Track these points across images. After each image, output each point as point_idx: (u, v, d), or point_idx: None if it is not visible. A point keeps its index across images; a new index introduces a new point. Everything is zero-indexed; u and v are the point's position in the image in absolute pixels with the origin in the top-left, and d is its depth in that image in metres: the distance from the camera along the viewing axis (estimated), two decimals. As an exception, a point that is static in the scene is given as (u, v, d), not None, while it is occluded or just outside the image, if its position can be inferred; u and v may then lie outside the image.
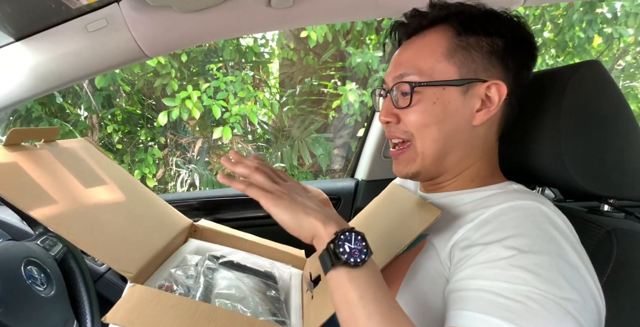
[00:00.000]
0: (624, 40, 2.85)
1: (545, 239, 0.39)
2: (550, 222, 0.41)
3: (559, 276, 0.36)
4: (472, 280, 0.39)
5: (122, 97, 2.89)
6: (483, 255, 0.40)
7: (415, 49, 0.52)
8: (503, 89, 0.49)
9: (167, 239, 0.61)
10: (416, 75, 0.50)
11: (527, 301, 0.35)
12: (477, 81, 0.49)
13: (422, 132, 0.50)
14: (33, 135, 0.57)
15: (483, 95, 0.49)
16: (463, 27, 0.49)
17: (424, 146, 0.51)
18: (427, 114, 0.49)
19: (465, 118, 0.50)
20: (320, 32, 2.52)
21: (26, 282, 0.54)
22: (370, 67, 2.67)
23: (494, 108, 0.49)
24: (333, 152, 3.12)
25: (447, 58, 0.49)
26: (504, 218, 0.43)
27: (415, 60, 0.51)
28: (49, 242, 0.67)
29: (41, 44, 0.69)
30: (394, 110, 0.52)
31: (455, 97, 0.49)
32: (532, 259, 0.37)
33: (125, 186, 0.65)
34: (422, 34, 0.52)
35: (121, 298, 0.42)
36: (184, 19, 0.71)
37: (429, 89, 0.49)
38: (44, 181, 0.51)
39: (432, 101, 0.49)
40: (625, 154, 0.51)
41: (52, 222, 0.46)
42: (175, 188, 2.89)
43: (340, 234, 0.40)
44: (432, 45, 0.50)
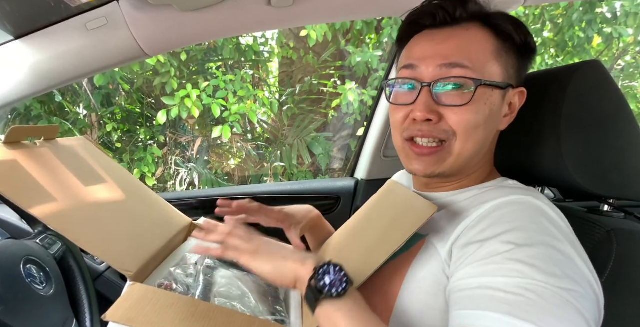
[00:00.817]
0: (624, 40, 2.85)
1: (539, 232, 0.40)
2: (543, 215, 0.42)
3: (555, 266, 0.37)
4: (472, 278, 0.39)
5: (122, 95, 2.88)
6: (481, 252, 0.40)
7: (463, 40, 0.47)
8: (524, 97, 0.51)
9: (167, 238, 0.61)
10: (470, 70, 0.46)
11: (526, 293, 0.35)
12: (511, 87, 0.49)
13: (469, 134, 0.47)
14: (33, 133, 0.57)
15: (509, 102, 0.50)
16: (508, 30, 0.48)
17: (463, 148, 0.48)
18: (480, 114, 0.47)
19: (497, 122, 0.50)
20: (320, 31, 2.52)
21: (25, 280, 0.54)
22: (370, 67, 2.67)
23: (514, 115, 0.51)
24: (332, 152, 3.12)
25: (496, 58, 0.47)
26: (499, 213, 0.43)
27: (467, 52, 0.46)
28: (48, 240, 0.66)
29: (41, 42, 0.69)
30: (436, 107, 0.47)
31: (497, 100, 0.48)
32: (527, 252, 0.38)
33: (125, 185, 0.65)
34: (461, 26, 0.48)
35: (121, 296, 0.42)
36: (184, 18, 0.71)
37: (483, 89, 0.46)
38: (44, 179, 0.51)
39: (484, 102, 0.47)
40: (625, 154, 0.51)
41: (52, 221, 0.46)
42: (175, 187, 2.89)
43: (318, 269, 0.42)
44: (480, 41, 0.47)
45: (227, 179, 3.18)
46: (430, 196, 0.56)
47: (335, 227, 0.93)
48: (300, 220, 0.69)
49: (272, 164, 2.99)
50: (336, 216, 1.21)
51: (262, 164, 3.19)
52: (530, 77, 0.54)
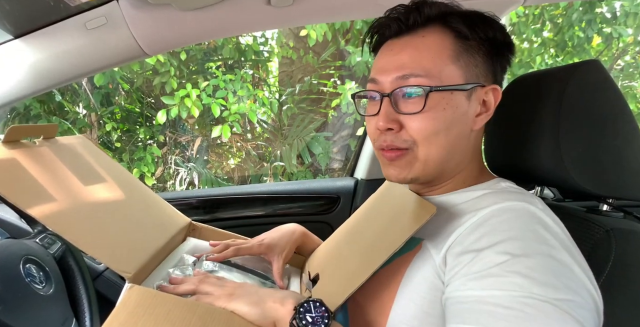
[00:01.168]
0: (623, 40, 2.86)
1: (535, 241, 0.39)
2: (539, 223, 0.41)
3: (553, 277, 0.37)
4: (470, 290, 0.39)
5: (121, 95, 2.88)
6: (477, 263, 0.40)
7: (417, 49, 0.48)
8: (498, 94, 0.50)
9: (166, 238, 0.61)
10: (425, 77, 0.47)
11: (525, 308, 0.35)
12: (479, 86, 0.49)
13: (430, 140, 0.48)
14: (32, 132, 0.57)
15: (481, 100, 0.50)
16: (464, 30, 0.48)
17: (428, 153, 0.49)
18: (438, 120, 0.47)
19: (467, 123, 0.49)
20: (319, 31, 2.52)
21: (25, 280, 0.54)
22: (369, 66, 2.67)
23: (490, 112, 0.50)
24: (332, 151, 3.12)
25: (453, 61, 0.47)
26: (494, 221, 0.43)
27: (421, 61, 0.47)
28: (48, 240, 0.66)
29: (40, 42, 0.69)
30: (395, 116, 0.49)
31: (461, 102, 0.48)
32: (524, 263, 0.37)
33: (124, 184, 0.65)
34: (417, 33, 0.49)
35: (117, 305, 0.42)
36: (184, 17, 0.71)
37: (439, 94, 0.47)
38: (43, 179, 0.50)
39: (442, 107, 0.47)
40: (624, 153, 0.51)
41: (51, 221, 0.46)
42: (174, 187, 2.89)
43: (299, 307, 0.42)
44: (436, 47, 0.48)
45: (226, 178, 3.18)
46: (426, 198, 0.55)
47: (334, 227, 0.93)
48: (283, 247, 0.67)
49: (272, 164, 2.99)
50: (336, 216, 1.21)
51: (262, 163, 3.19)
52: (529, 77, 0.54)
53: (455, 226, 0.46)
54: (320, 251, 0.69)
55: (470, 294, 0.39)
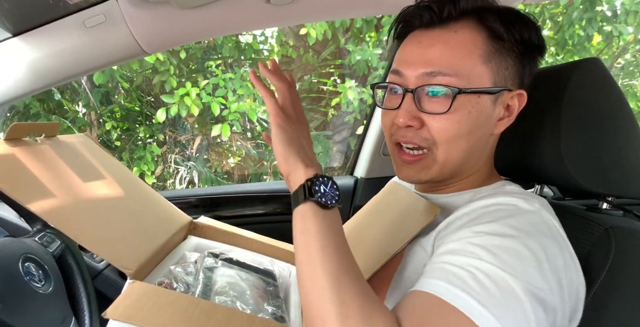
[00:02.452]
0: (624, 38, 2.85)
1: (514, 228, 0.39)
2: (527, 217, 0.41)
3: (515, 259, 0.36)
4: (437, 256, 0.40)
5: (121, 94, 2.88)
6: (452, 237, 0.41)
7: (448, 45, 0.45)
8: (524, 99, 0.48)
9: (167, 236, 0.61)
10: (453, 77, 0.44)
11: (477, 272, 0.36)
12: (506, 90, 0.47)
13: (450, 143, 0.46)
14: (34, 130, 0.57)
15: (506, 105, 0.48)
16: (499, 29, 0.45)
17: (447, 156, 0.47)
18: (463, 124, 0.45)
19: (489, 128, 0.48)
20: (319, 30, 2.51)
21: (24, 278, 0.54)
22: (369, 65, 2.67)
23: (512, 117, 0.48)
24: (332, 150, 3.12)
25: (484, 62, 0.45)
26: (483, 210, 0.43)
27: (452, 59, 0.45)
28: (47, 238, 0.66)
29: (39, 40, 0.69)
30: (418, 113, 0.46)
31: (487, 106, 0.46)
32: (493, 241, 0.38)
33: (125, 182, 0.65)
34: (449, 27, 0.46)
35: (121, 294, 0.42)
36: (183, 15, 0.70)
37: (466, 96, 0.45)
38: (44, 176, 0.51)
39: (468, 110, 0.45)
40: (624, 152, 0.51)
41: (52, 217, 0.46)
42: (174, 185, 2.89)
43: (319, 176, 0.41)
44: (468, 45, 0.45)
45: (226, 177, 3.18)
46: (428, 196, 0.56)
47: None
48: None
49: (272, 163, 2.99)
50: (335, 214, 1.21)
51: (262, 162, 3.19)
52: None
53: (445, 218, 0.46)
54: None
55: (437, 259, 0.40)
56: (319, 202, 0.40)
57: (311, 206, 0.41)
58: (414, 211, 0.52)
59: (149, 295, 0.43)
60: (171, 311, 0.42)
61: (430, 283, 0.38)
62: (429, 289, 0.37)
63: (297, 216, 0.41)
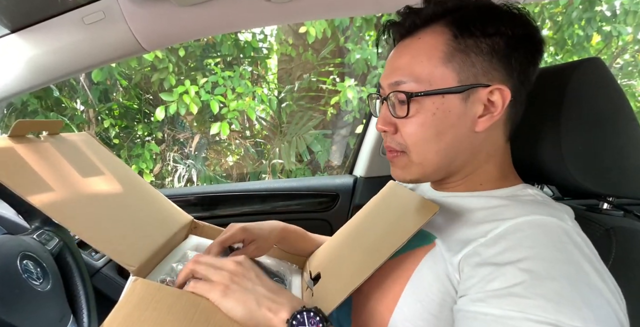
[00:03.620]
0: (623, 38, 2.86)
1: (563, 261, 0.37)
2: (569, 241, 0.39)
3: (581, 302, 0.34)
4: (486, 308, 0.37)
5: (119, 91, 2.87)
6: (497, 278, 0.38)
7: (411, 53, 0.48)
8: (507, 94, 0.46)
9: (168, 235, 0.61)
10: (413, 82, 0.46)
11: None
12: (479, 86, 0.45)
13: (419, 145, 0.48)
14: (37, 127, 0.57)
15: (485, 101, 0.46)
16: (460, 28, 0.45)
17: (422, 157, 0.48)
18: (427, 126, 0.46)
19: (467, 126, 0.47)
20: (319, 28, 2.51)
21: (22, 276, 0.54)
22: (369, 64, 2.67)
23: (497, 113, 0.46)
24: (331, 149, 3.12)
25: (444, 63, 0.45)
26: (519, 235, 0.40)
27: (412, 66, 0.47)
28: (45, 236, 0.66)
29: (37, 36, 0.68)
30: (392, 119, 0.49)
31: (455, 105, 0.46)
32: (550, 285, 0.35)
33: (127, 180, 0.65)
34: (417, 35, 0.48)
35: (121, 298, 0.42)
36: (182, 13, 0.70)
37: (428, 99, 0.46)
38: (47, 173, 0.51)
39: (431, 112, 0.46)
40: (624, 152, 0.51)
41: (56, 213, 0.46)
42: (173, 184, 2.88)
43: (292, 320, 0.39)
44: (428, 49, 0.46)
45: (225, 176, 3.17)
46: (441, 194, 0.55)
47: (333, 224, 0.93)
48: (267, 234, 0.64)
49: (271, 161, 2.99)
50: (334, 213, 1.21)
51: (261, 161, 3.19)
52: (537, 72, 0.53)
53: (475, 234, 0.44)
54: (322, 250, 0.69)
55: (487, 312, 0.37)
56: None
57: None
58: (413, 209, 0.52)
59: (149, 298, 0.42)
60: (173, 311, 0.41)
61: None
62: None
63: None
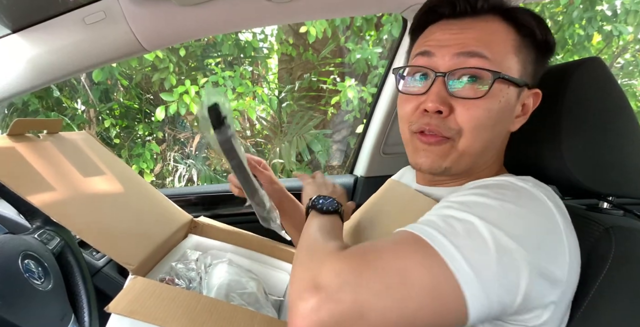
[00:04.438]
0: (624, 38, 2.85)
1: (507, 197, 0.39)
2: (516, 189, 0.40)
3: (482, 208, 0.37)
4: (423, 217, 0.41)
5: (120, 91, 2.87)
6: (440, 204, 0.42)
7: (482, 31, 0.44)
8: (538, 99, 0.48)
9: (168, 234, 0.61)
10: (489, 61, 0.43)
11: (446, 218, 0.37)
12: (527, 86, 0.46)
13: (476, 131, 0.44)
14: (36, 126, 0.57)
15: (524, 101, 0.47)
16: (529, 25, 0.45)
17: (469, 145, 0.45)
18: (492, 112, 0.44)
19: (509, 123, 0.47)
20: (319, 28, 2.50)
21: (23, 275, 0.54)
22: (369, 64, 2.66)
23: (527, 116, 0.48)
24: (332, 149, 3.11)
25: (515, 53, 0.44)
26: (480, 184, 0.43)
27: (489, 43, 0.43)
28: (47, 235, 0.66)
29: (38, 36, 0.68)
30: (448, 99, 0.44)
31: (513, 98, 0.45)
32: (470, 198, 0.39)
33: (127, 180, 0.65)
34: (481, 18, 0.46)
35: (123, 289, 0.42)
36: (183, 13, 0.70)
37: (501, 83, 0.43)
38: (47, 172, 0.51)
39: (499, 98, 0.44)
40: (625, 151, 0.51)
41: (55, 212, 0.46)
42: (173, 183, 2.89)
43: (319, 195, 0.56)
44: (501, 33, 0.44)
45: (225, 175, 3.17)
46: (430, 190, 0.55)
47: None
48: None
49: (271, 161, 2.98)
50: (335, 213, 1.20)
51: (261, 160, 3.18)
52: None
53: None
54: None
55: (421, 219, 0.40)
56: (315, 208, 0.54)
57: (312, 214, 0.53)
58: (413, 207, 0.52)
59: (150, 291, 0.43)
60: (174, 307, 0.42)
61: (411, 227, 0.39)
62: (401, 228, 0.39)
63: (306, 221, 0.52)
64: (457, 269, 0.33)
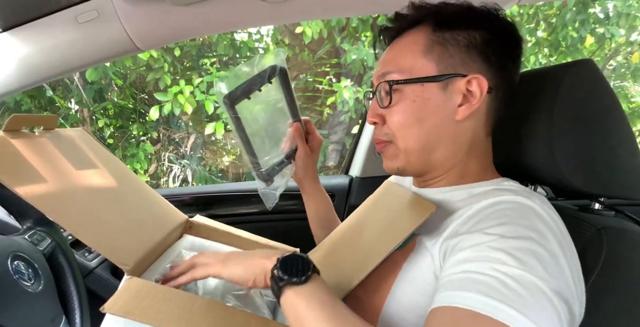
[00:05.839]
0: (616, 40, 2.88)
1: (526, 228, 0.40)
2: (534, 214, 0.42)
3: (536, 260, 0.37)
4: (455, 266, 0.40)
5: (114, 91, 2.85)
6: (466, 242, 0.41)
7: (396, 49, 0.53)
8: (484, 83, 0.48)
9: (163, 234, 0.61)
10: (396, 73, 0.50)
11: (504, 277, 0.36)
12: (456, 76, 0.48)
13: (404, 133, 0.51)
14: (32, 122, 0.57)
15: (464, 90, 0.49)
16: (439, 24, 0.50)
17: (406, 145, 0.51)
18: (408, 113, 0.50)
19: (447, 114, 0.50)
20: (315, 28, 2.50)
21: (13, 277, 0.54)
22: (365, 64, 2.67)
23: (476, 102, 0.49)
24: (327, 149, 3.12)
25: (424, 54, 0.49)
26: (489, 211, 0.44)
27: (396, 59, 0.51)
28: (37, 236, 0.65)
29: (30, 35, 0.68)
30: (379, 111, 0.53)
31: (435, 93, 0.49)
32: (511, 244, 0.38)
33: (123, 178, 0.64)
34: (403, 35, 0.53)
35: (118, 289, 0.42)
36: (177, 12, 0.70)
37: (409, 87, 0.50)
38: (43, 168, 0.50)
39: (411, 99, 0.50)
40: (616, 152, 0.51)
41: (50, 210, 0.46)
42: (168, 184, 2.87)
43: (282, 258, 0.43)
44: (410, 43, 0.51)
45: (220, 175, 3.16)
46: (423, 192, 0.56)
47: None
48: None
49: (266, 161, 2.97)
50: (330, 213, 1.20)
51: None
52: (523, 76, 0.54)
53: (453, 219, 0.47)
54: (318, 251, 0.69)
55: (455, 269, 0.39)
56: (292, 282, 0.41)
57: (290, 291, 0.41)
58: (410, 209, 0.52)
59: (146, 291, 0.42)
60: (170, 307, 0.41)
61: (456, 296, 0.36)
62: (457, 303, 0.36)
63: (285, 306, 0.41)
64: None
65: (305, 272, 0.42)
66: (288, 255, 0.44)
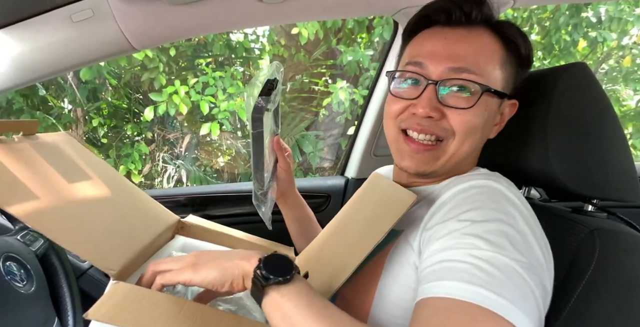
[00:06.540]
0: (608, 44, 2.92)
1: (496, 210, 0.42)
2: (501, 197, 0.43)
3: (507, 241, 0.39)
4: (433, 256, 0.41)
5: (108, 90, 2.82)
6: (442, 231, 0.42)
7: (475, 45, 0.47)
8: (515, 109, 0.52)
9: (153, 236, 0.60)
10: (477, 75, 0.46)
11: (479, 262, 0.37)
12: (507, 97, 0.50)
13: (467, 135, 0.48)
14: (11, 127, 0.55)
15: (502, 111, 0.51)
16: (515, 40, 0.49)
17: (459, 148, 0.49)
18: (479, 118, 0.48)
19: (489, 130, 0.51)
20: (311, 29, 2.51)
21: (5, 278, 0.53)
22: (361, 66, 2.67)
23: (502, 125, 0.52)
24: (323, 150, 3.12)
25: (500, 66, 0.48)
26: (460, 197, 0.45)
27: (478, 58, 0.47)
28: (30, 237, 0.65)
29: (24, 34, 0.67)
30: (438, 105, 0.47)
31: (495, 108, 0.50)
32: (483, 227, 0.40)
33: (110, 182, 0.64)
34: (472, 29, 0.48)
35: (103, 295, 0.41)
36: (173, 12, 0.69)
37: (486, 95, 0.47)
38: (23, 176, 0.49)
39: (484, 107, 0.48)
40: (609, 155, 0.52)
41: (31, 219, 0.44)
42: (162, 184, 2.85)
43: (263, 259, 0.40)
44: (491, 48, 0.48)
45: (216, 176, 3.15)
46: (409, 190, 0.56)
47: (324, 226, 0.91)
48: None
49: (262, 162, 2.97)
50: (326, 215, 1.21)
51: (252, 161, 3.16)
52: None
53: (428, 209, 0.48)
54: (308, 249, 0.68)
55: (434, 258, 0.41)
56: (276, 282, 0.38)
57: (274, 292, 0.38)
58: (392, 200, 0.52)
59: (132, 296, 0.42)
60: (156, 312, 0.41)
61: (439, 286, 0.38)
62: (440, 292, 0.37)
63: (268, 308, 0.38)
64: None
65: (289, 271, 0.39)
66: (270, 254, 0.41)
